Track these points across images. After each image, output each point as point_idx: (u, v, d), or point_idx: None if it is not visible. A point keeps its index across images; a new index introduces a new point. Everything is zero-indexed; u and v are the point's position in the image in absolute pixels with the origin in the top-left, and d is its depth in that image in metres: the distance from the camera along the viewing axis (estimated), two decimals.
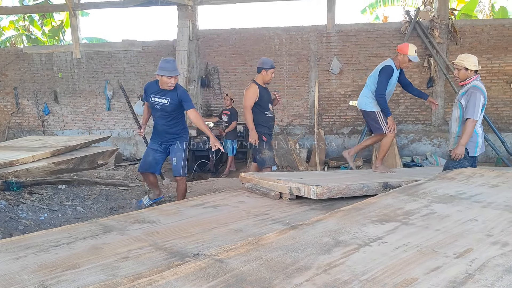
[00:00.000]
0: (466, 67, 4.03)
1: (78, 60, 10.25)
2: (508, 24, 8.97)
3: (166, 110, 4.45)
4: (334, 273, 1.63)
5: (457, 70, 4.11)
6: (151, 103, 4.49)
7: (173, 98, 4.43)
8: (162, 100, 4.43)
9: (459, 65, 4.07)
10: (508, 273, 1.61)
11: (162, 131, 4.55)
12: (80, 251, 2.31)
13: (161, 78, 4.33)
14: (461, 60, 4.06)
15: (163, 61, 4.36)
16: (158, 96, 4.43)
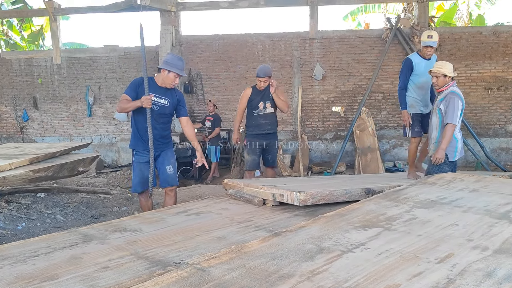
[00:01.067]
0: (444, 74, 4.12)
1: (58, 65, 10.09)
2: (486, 32, 9.19)
3: (165, 112, 3.98)
4: (317, 280, 1.62)
5: (436, 78, 4.19)
6: None
7: (173, 99, 4.02)
8: (162, 101, 3.93)
9: (438, 72, 4.15)
10: (488, 277, 1.62)
11: (154, 137, 3.96)
12: (59, 262, 2.25)
13: (166, 75, 3.87)
14: (439, 68, 4.15)
15: (174, 57, 3.97)
16: (156, 94, 3.89)
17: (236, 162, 8.87)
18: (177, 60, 3.91)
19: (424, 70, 4.72)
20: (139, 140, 3.98)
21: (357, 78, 9.44)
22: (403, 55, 9.20)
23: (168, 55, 3.99)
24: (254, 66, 9.60)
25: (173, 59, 3.90)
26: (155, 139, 3.94)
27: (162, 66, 3.89)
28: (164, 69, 3.87)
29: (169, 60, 3.88)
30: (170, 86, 3.92)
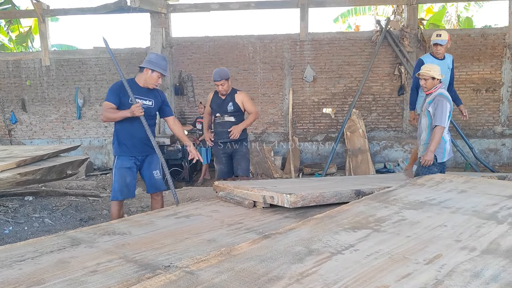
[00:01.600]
0: (433, 77, 4.15)
1: (47, 67, 10.00)
2: (474, 34, 9.29)
3: (151, 113, 3.83)
4: (306, 282, 1.62)
5: (424, 80, 4.22)
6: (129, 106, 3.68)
7: (157, 99, 3.87)
8: (146, 102, 3.76)
9: (426, 75, 4.17)
10: (476, 278, 1.63)
11: (141, 140, 3.80)
12: (46, 266, 2.22)
13: (149, 75, 3.71)
14: (428, 70, 4.17)
15: (158, 56, 3.81)
16: (140, 96, 3.71)
17: None
18: (161, 59, 3.77)
19: None
20: (123, 145, 3.79)
21: (348, 80, 9.49)
22: (393, 57, 9.28)
23: (151, 54, 3.82)
24: (245, 68, 9.62)
25: (157, 58, 3.74)
26: (142, 142, 3.81)
27: (145, 65, 3.73)
28: (147, 69, 3.71)
29: (152, 59, 3.72)
30: (152, 86, 3.77)
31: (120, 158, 3.79)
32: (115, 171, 3.82)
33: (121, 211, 3.88)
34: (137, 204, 5.62)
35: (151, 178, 3.93)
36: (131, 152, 3.80)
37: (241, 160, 4.85)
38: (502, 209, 2.62)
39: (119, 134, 3.79)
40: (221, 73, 4.66)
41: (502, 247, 1.97)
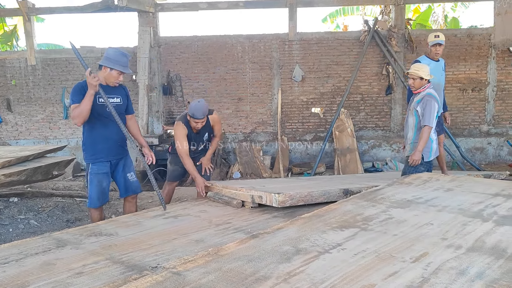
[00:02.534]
0: (421, 77, 4.17)
1: (33, 67, 9.85)
2: (460, 34, 9.40)
3: (121, 111, 3.60)
4: (293, 282, 1.62)
5: (412, 80, 4.25)
6: (99, 105, 3.48)
7: (123, 96, 3.65)
8: (115, 99, 3.55)
9: (415, 74, 4.20)
10: (461, 275, 1.65)
11: (115, 142, 3.62)
12: (31, 268, 2.19)
13: (108, 72, 3.47)
14: (416, 70, 4.20)
15: (117, 52, 3.49)
16: (107, 95, 3.45)
17: (216, 164, 8.83)
18: (120, 55, 3.48)
19: (433, 72, 4.63)
20: (98, 151, 3.58)
21: (336, 80, 9.52)
22: (381, 57, 9.34)
23: (109, 50, 3.51)
24: (234, 67, 9.59)
25: (115, 55, 3.46)
26: (117, 144, 3.65)
27: (102, 62, 3.47)
28: (105, 67, 3.47)
29: (110, 56, 3.45)
30: (113, 84, 3.54)
31: (96, 164, 3.60)
32: (91, 177, 3.61)
33: (101, 215, 3.75)
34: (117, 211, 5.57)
35: (126, 181, 3.78)
36: (107, 157, 3.63)
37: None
38: (487, 207, 2.65)
39: (93, 139, 3.59)
40: (204, 109, 4.06)
41: (487, 244, 1.99)
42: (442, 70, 5.04)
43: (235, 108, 9.70)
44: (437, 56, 4.92)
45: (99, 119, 3.52)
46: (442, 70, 5.03)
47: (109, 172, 3.69)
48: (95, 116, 3.48)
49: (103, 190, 3.65)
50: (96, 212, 3.69)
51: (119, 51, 3.52)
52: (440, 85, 4.92)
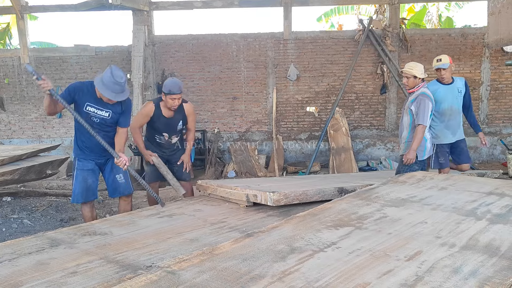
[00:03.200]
0: (415, 75, 4.18)
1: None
2: (454, 34, 9.44)
3: (106, 123, 3.55)
4: (288, 280, 1.62)
5: (406, 78, 4.25)
6: (85, 113, 3.45)
7: (116, 110, 3.55)
8: (102, 113, 3.50)
9: (408, 73, 4.21)
10: (455, 273, 1.66)
11: (97, 145, 3.53)
12: (24, 268, 2.18)
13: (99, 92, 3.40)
14: (410, 69, 4.20)
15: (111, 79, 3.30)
16: (96, 106, 3.46)
17: (211, 163, 8.82)
18: (113, 84, 3.31)
19: (444, 96, 4.54)
20: (82, 148, 3.61)
21: (331, 79, 9.54)
22: (375, 56, 9.36)
23: (107, 73, 3.32)
24: (229, 66, 9.58)
25: (109, 82, 3.30)
26: (96, 150, 3.59)
27: (96, 84, 3.34)
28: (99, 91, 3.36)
29: (105, 81, 3.31)
30: (110, 102, 3.47)
31: (81, 160, 3.62)
32: (76, 173, 3.62)
33: (93, 212, 3.73)
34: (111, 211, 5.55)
35: (114, 182, 3.74)
36: (89, 156, 3.63)
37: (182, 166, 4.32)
38: (481, 205, 2.67)
39: (78, 137, 3.61)
40: (180, 84, 3.97)
41: (481, 243, 2.01)
42: (458, 92, 4.60)
43: (230, 107, 9.69)
44: (444, 80, 4.57)
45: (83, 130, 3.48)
46: (458, 93, 4.60)
47: (95, 169, 3.67)
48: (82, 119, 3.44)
49: (88, 187, 3.62)
50: (86, 209, 3.68)
51: (114, 78, 3.31)
52: (453, 110, 4.56)
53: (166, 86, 3.90)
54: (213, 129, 9.60)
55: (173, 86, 3.89)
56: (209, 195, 3.84)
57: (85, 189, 3.60)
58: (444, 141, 4.63)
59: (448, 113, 4.56)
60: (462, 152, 4.68)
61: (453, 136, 4.62)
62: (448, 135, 4.61)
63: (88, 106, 3.45)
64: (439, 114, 4.56)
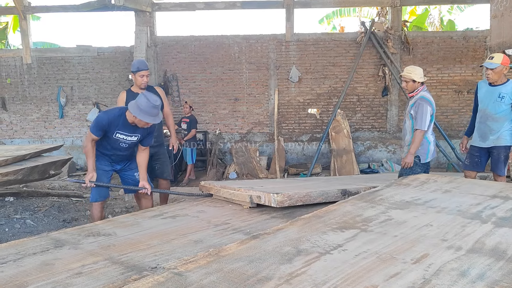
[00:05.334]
0: (413, 79, 4.15)
1: (28, 65, 9.80)
2: (456, 37, 9.45)
3: (132, 145, 3.76)
4: (295, 283, 1.61)
5: (405, 82, 4.22)
6: (114, 139, 3.64)
7: (144, 133, 3.71)
8: (131, 138, 3.67)
9: (407, 77, 4.17)
10: (462, 277, 1.65)
11: (120, 156, 3.80)
12: (29, 268, 2.18)
13: (137, 119, 3.49)
14: (409, 73, 4.16)
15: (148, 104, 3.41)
16: (126, 133, 3.62)
17: (213, 164, 8.82)
18: (151, 108, 3.44)
19: (484, 97, 4.35)
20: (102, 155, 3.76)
21: (333, 81, 9.54)
22: (377, 58, 9.37)
23: (142, 100, 3.44)
24: (231, 67, 9.59)
25: (147, 107, 3.42)
26: (122, 160, 3.83)
27: (133, 112, 3.46)
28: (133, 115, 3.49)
29: (142, 107, 3.42)
30: (142, 127, 3.60)
31: (99, 160, 3.73)
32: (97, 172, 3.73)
33: (102, 212, 3.84)
34: (122, 205, 5.55)
35: (134, 180, 3.86)
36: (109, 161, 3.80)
37: (165, 163, 4.49)
38: (485, 208, 2.67)
39: (102, 146, 3.72)
40: (145, 62, 4.26)
41: (487, 246, 2.00)
42: (499, 97, 4.22)
43: (231, 109, 9.70)
44: (489, 80, 4.28)
45: (110, 144, 3.67)
46: (498, 98, 4.22)
47: (110, 171, 3.81)
48: (106, 142, 3.66)
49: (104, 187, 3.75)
50: (97, 208, 3.77)
51: (151, 103, 3.44)
52: (486, 113, 4.32)
53: (134, 65, 4.16)
54: (214, 130, 9.61)
55: (140, 63, 4.16)
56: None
57: (99, 188, 3.72)
58: (473, 143, 4.49)
59: (481, 115, 4.39)
60: (493, 160, 4.39)
61: (482, 141, 4.40)
62: (476, 138, 4.46)
63: (118, 134, 3.62)
64: (478, 115, 4.43)
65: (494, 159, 4.38)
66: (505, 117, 4.26)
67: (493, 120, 4.30)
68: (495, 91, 4.26)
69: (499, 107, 4.24)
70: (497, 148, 4.33)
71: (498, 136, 4.29)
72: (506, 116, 4.26)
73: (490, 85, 4.31)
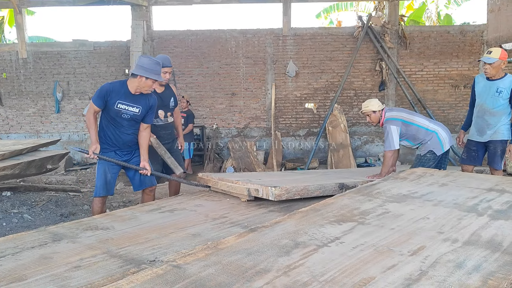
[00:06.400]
0: (373, 110, 4.26)
1: (24, 60, 9.75)
2: (453, 31, 9.46)
3: (136, 120, 3.68)
4: (293, 275, 1.63)
5: (368, 117, 4.33)
6: (115, 111, 3.58)
7: (145, 106, 3.67)
8: (133, 109, 3.62)
9: (367, 111, 4.29)
10: (459, 268, 1.67)
11: (124, 143, 3.72)
12: (27, 262, 2.18)
13: (144, 81, 3.52)
14: (366, 107, 4.29)
15: (151, 61, 3.52)
16: (127, 103, 3.58)
17: (210, 159, 8.82)
18: (154, 64, 3.52)
19: (481, 91, 4.35)
20: (106, 144, 3.70)
21: (330, 75, 9.55)
22: (374, 52, 9.37)
23: (144, 59, 3.54)
24: (228, 62, 9.57)
25: (150, 64, 3.50)
26: (126, 145, 3.74)
27: (138, 72, 3.50)
28: (141, 76, 3.51)
29: (146, 65, 3.49)
30: (147, 92, 3.62)
31: (104, 154, 3.69)
32: (98, 167, 3.73)
33: (103, 208, 3.78)
34: (119, 199, 5.55)
35: (140, 176, 3.83)
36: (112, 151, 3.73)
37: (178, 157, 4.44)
38: (482, 201, 2.69)
39: (105, 131, 3.70)
40: (169, 58, 4.18)
41: (483, 238, 2.02)
42: (496, 92, 4.22)
43: (228, 103, 9.69)
44: (487, 75, 4.27)
45: (112, 121, 3.64)
46: (496, 92, 4.23)
47: (115, 165, 3.73)
48: (109, 117, 3.63)
49: (108, 181, 3.70)
50: (98, 203, 3.73)
51: (153, 59, 3.55)
52: (483, 108, 4.33)
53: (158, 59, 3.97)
54: (211, 125, 9.61)
55: (164, 59, 4.09)
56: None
57: (105, 182, 3.69)
58: (471, 137, 4.52)
59: (478, 110, 4.40)
60: (490, 154, 4.41)
61: (479, 135, 4.42)
62: (473, 132, 4.48)
63: (120, 104, 3.57)
64: (476, 109, 4.45)
65: (491, 153, 4.39)
66: (503, 112, 4.27)
67: (491, 115, 4.31)
68: (492, 85, 4.26)
69: (497, 102, 4.25)
70: (494, 142, 4.34)
71: (495, 130, 4.31)
72: (503, 110, 4.27)
73: (488, 80, 4.31)
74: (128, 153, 3.79)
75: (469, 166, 4.55)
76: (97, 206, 3.73)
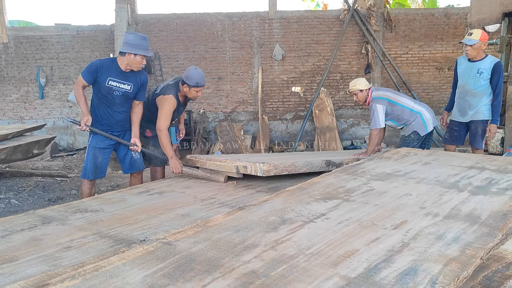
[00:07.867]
0: (360, 89, 4.33)
1: (5, 44, 9.53)
2: (437, 14, 9.53)
3: (128, 97, 3.70)
4: (281, 249, 1.68)
5: (355, 96, 4.39)
6: (107, 88, 3.58)
7: (136, 83, 3.70)
8: (124, 86, 3.64)
9: (354, 90, 4.36)
10: (439, 240, 1.74)
11: (116, 122, 3.73)
12: (18, 244, 2.20)
13: (132, 58, 3.53)
14: (353, 86, 4.36)
15: (138, 37, 3.53)
16: (119, 80, 3.60)
17: (197, 143, 8.83)
18: (141, 39, 3.53)
19: (463, 72, 4.44)
20: (98, 123, 3.69)
21: (316, 59, 9.56)
22: (360, 36, 9.40)
23: (130, 36, 3.54)
24: (214, 46, 9.51)
25: (137, 40, 3.51)
26: (118, 124, 3.74)
27: (125, 49, 3.51)
28: (129, 53, 3.51)
29: (132, 42, 3.50)
30: (137, 69, 3.63)
31: (95, 137, 3.70)
32: (88, 149, 3.73)
33: (92, 190, 3.80)
34: (107, 184, 5.55)
35: (131, 159, 3.86)
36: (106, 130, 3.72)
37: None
38: (462, 178, 2.77)
39: (96, 111, 3.70)
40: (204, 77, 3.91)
41: (463, 212, 2.10)
42: (477, 73, 4.30)
43: (215, 87, 9.66)
44: (468, 56, 4.36)
45: (104, 99, 3.65)
46: (477, 73, 4.30)
47: (107, 148, 3.76)
48: (101, 95, 3.64)
49: (98, 165, 3.72)
50: (87, 185, 3.75)
51: (139, 35, 3.57)
52: (465, 89, 4.43)
53: (193, 78, 3.79)
54: (198, 110, 9.58)
55: (201, 78, 3.83)
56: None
57: (94, 166, 3.70)
58: (453, 117, 4.62)
59: (460, 91, 4.50)
60: (471, 134, 4.51)
61: (461, 116, 4.52)
62: (455, 113, 4.58)
63: (111, 81, 3.59)
64: (458, 91, 4.55)
65: (472, 133, 4.50)
66: (483, 92, 4.37)
67: (472, 95, 4.40)
68: (474, 66, 4.35)
69: (478, 83, 4.34)
70: (475, 123, 4.45)
71: (476, 110, 4.42)
72: (484, 91, 4.37)
73: (469, 61, 4.40)
74: (120, 133, 3.80)
75: (452, 145, 4.66)
76: (86, 187, 3.76)
